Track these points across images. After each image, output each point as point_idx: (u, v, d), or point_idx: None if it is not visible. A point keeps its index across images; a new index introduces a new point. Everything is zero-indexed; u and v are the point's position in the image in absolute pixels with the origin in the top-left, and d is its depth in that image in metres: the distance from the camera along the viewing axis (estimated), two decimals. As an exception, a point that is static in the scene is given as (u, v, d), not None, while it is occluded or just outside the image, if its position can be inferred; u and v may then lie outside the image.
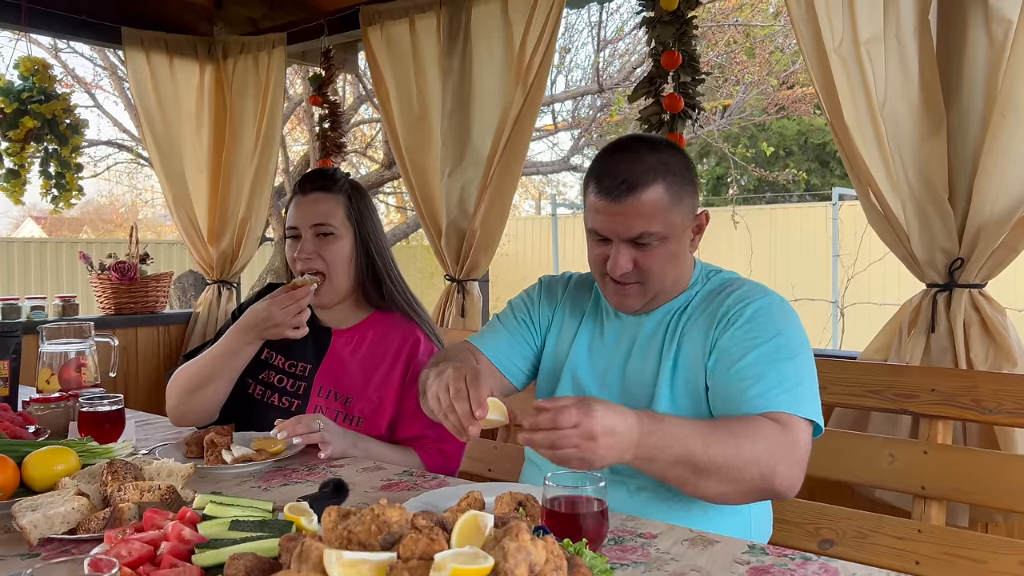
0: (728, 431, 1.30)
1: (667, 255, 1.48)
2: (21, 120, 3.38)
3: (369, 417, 1.86)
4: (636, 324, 1.59)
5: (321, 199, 1.90)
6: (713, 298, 1.53)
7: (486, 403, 1.29)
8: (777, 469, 1.30)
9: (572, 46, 9.51)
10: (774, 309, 1.47)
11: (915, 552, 1.76)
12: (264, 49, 3.78)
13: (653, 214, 1.44)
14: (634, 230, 1.45)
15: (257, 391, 1.94)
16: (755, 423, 1.33)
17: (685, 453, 1.25)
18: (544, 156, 15.47)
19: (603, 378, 1.59)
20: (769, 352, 1.41)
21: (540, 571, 0.83)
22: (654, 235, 1.45)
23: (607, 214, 1.46)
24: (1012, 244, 1.94)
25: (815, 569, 1.09)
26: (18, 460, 1.38)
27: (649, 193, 1.43)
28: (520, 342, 1.71)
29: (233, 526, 1.10)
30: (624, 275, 1.49)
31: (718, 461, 1.26)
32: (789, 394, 1.37)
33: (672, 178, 1.46)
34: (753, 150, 10.95)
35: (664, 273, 1.50)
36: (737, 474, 1.28)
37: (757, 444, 1.29)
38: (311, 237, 1.88)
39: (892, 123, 2.06)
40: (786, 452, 1.32)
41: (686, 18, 2.51)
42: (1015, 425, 1.82)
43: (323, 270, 1.88)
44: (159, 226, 14.83)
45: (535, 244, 11.78)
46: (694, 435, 1.27)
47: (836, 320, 7.99)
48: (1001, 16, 1.91)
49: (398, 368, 1.89)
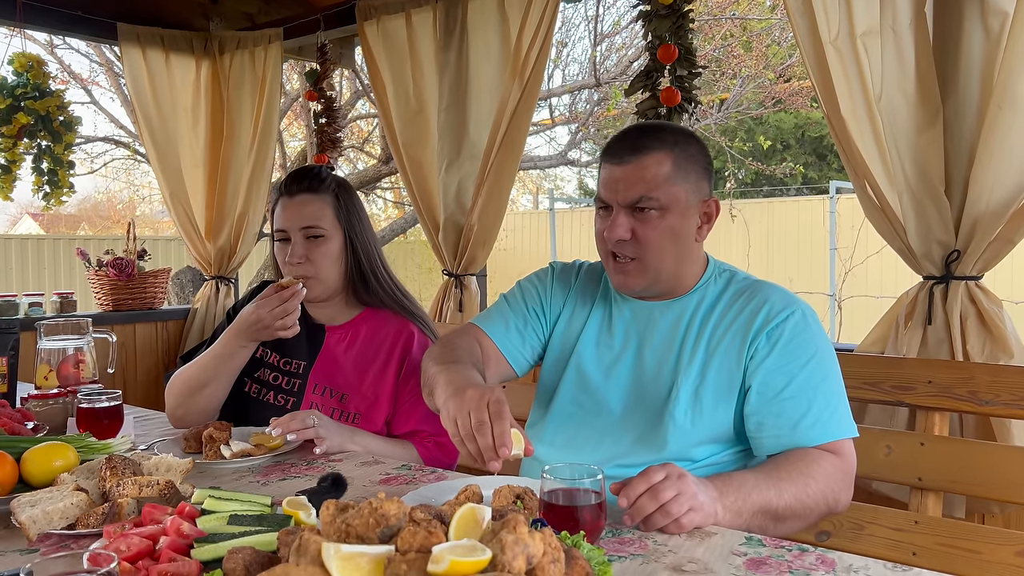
0: (796, 473, 1.34)
1: (667, 230, 1.47)
2: (14, 116, 3.38)
3: (365, 413, 1.86)
4: (647, 316, 1.57)
5: (309, 200, 1.88)
6: (745, 304, 1.50)
7: (511, 440, 1.23)
8: (840, 498, 1.38)
9: (569, 40, 9.51)
10: (809, 322, 1.47)
11: (912, 543, 1.76)
12: (260, 44, 3.78)
13: (655, 180, 1.44)
14: (634, 192, 1.45)
15: (253, 389, 1.94)
16: (815, 459, 1.37)
17: (763, 501, 1.28)
18: (541, 150, 15.47)
19: (610, 370, 1.57)
20: (813, 374, 1.43)
21: (538, 563, 0.84)
22: (653, 201, 1.45)
23: (610, 178, 1.48)
24: (1008, 236, 1.94)
25: (812, 560, 1.09)
26: (17, 456, 1.38)
27: (653, 157, 1.45)
28: (528, 330, 1.68)
29: (232, 520, 1.10)
30: (621, 246, 1.48)
31: (792, 505, 1.31)
32: (835, 417, 1.41)
33: (682, 153, 1.47)
34: (750, 144, 10.96)
35: (663, 250, 1.48)
36: (808, 512, 1.33)
37: (821, 481, 1.34)
38: (301, 240, 1.86)
39: (888, 116, 2.06)
40: (845, 480, 1.39)
41: (682, 12, 2.51)
42: (1011, 416, 1.83)
43: (313, 274, 1.87)
44: (156, 222, 14.82)
45: (533, 239, 11.78)
46: (766, 484, 1.29)
47: (834, 313, 8.01)
48: (997, 8, 1.91)
49: (392, 364, 1.88)
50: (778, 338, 1.44)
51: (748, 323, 1.47)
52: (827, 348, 1.47)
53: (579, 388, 1.60)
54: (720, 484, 1.24)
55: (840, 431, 1.42)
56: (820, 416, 1.41)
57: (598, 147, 9.26)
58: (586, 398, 1.58)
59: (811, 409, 1.41)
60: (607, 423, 1.55)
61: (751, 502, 1.26)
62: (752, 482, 1.29)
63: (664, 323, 1.55)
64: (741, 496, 1.25)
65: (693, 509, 1.17)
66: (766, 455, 1.45)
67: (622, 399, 1.55)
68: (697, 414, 1.47)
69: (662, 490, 1.16)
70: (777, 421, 1.42)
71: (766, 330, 1.45)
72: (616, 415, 1.54)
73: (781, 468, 1.35)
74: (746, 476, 1.31)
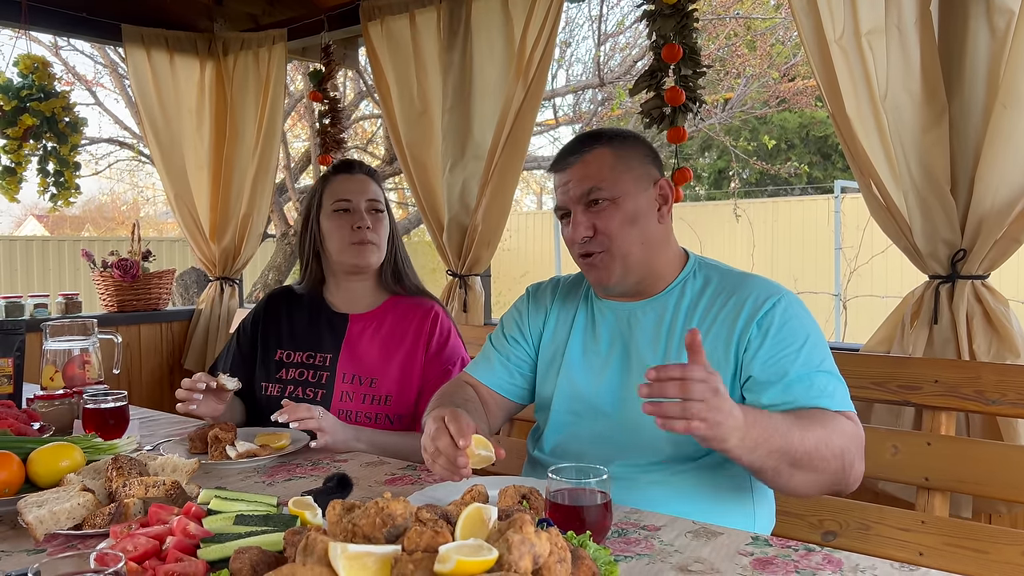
0: (819, 423, 1.33)
1: (624, 218, 1.51)
2: (20, 118, 3.38)
3: (396, 395, 1.90)
4: (629, 317, 1.58)
5: (368, 181, 2.02)
6: (728, 297, 1.50)
7: (468, 434, 1.30)
8: (855, 463, 1.37)
9: (573, 40, 9.52)
10: (796, 308, 1.48)
11: (918, 543, 1.76)
12: (264, 45, 3.78)
13: (600, 173, 1.52)
14: (582, 187, 1.52)
15: (275, 390, 1.96)
16: (835, 418, 1.37)
17: (785, 443, 1.27)
18: (546, 151, 15.41)
19: (599, 375, 1.58)
20: (811, 356, 1.43)
21: (544, 563, 0.83)
22: (603, 191, 1.51)
23: (560, 184, 1.57)
24: (1014, 235, 1.94)
25: (818, 560, 1.09)
26: (23, 457, 1.38)
27: (593, 153, 1.54)
28: (516, 360, 1.72)
29: (238, 521, 1.10)
30: (588, 244, 1.53)
31: (811, 452, 1.30)
32: (839, 392, 1.42)
33: (618, 144, 1.55)
34: (755, 143, 10.94)
35: (626, 235, 1.51)
36: (825, 465, 1.32)
37: (842, 438, 1.35)
38: (366, 211, 1.97)
39: (894, 114, 2.05)
40: (859, 449, 1.39)
41: (687, 11, 2.50)
42: (1018, 416, 1.82)
43: (377, 241, 1.98)
44: (161, 223, 14.84)
45: (537, 239, 11.76)
46: (791, 426, 1.29)
47: (839, 313, 7.99)
48: (1003, 7, 1.90)
49: (421, 342, 1.96)
50: (768, 326, 1.45)
51: (734, 316, 1.48)
52: (816, 331, 1.47)
53: (571, 396, 1.60)
54: (750, 420, 1.22)
55: (846, 405, 1.42)
56: (826, 390, 1.41)
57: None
58: (579, 405, 1.59)
59: (815, 385, 1.41)
60: (601, 427, 1.55)
61: (772, 442, 1.25)
62: (779, 419, 1.28)
63: (647, 322, 1.56)
64: (765, 435, 1.24)
65: (705, 422, 1.15)
66: None
67: (614, 403, 1.55)
68: None
69: (691, 388, 1.14)
70: (786, 397, 1.41)
71: (755, 320, 1.45)
72: (609, 419, 1.55)
73: (805, 417, 1.34)
74: (775, 417, 1.29)
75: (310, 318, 2.04)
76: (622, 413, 1.53)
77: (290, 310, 2.07)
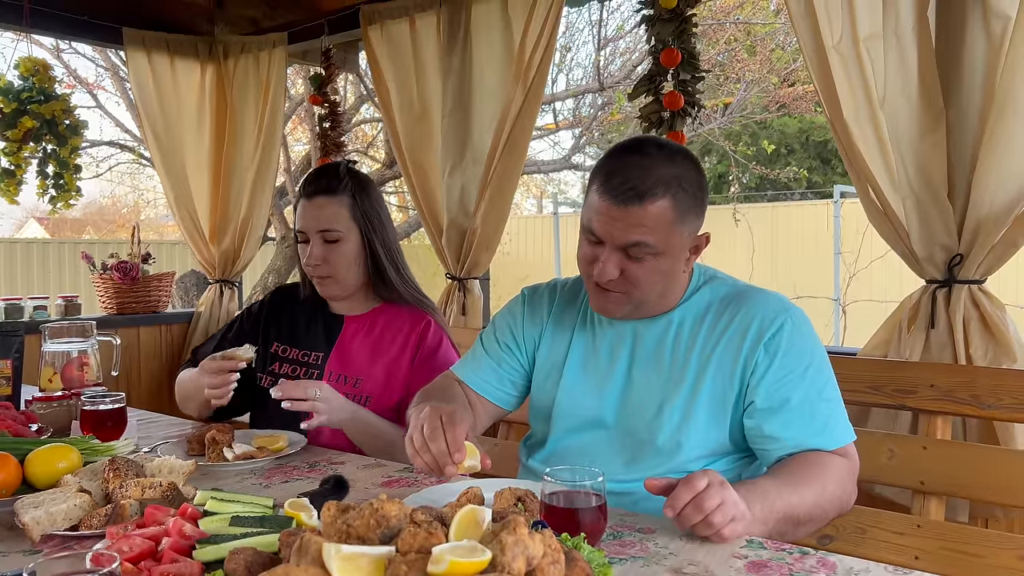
0: (812, 478, 1.35)
1: (657, 271, 1.43)
2: (20, 120, 3.38)
3: (377, 397, 1.91)
4: (632, 333, 1.54)
5: (325, 203, 1.92)
6: (733, 315, 1.47)
7: (463, 446, 1.30)
8: (850, 499, 1.41)
9: (573, 45, 9.53)
10: (802, 329, 1.46)
11: (914, 547, 1.76)
12: (265, 49, 3.79)
13: (654, 228, 1.38)
14: (630, 238, 1.39)
15: (267, 382, 1.98)
16: (828, 463, 1.39)
17: (787, 509, 1.28)
18: (545, 155, 15.46)
19: (599, 391, 1.55)
20: (815, 381, 1.43)
21: (537, 564, 0.84)
22: (649, 248, 1.39)
23: (607, 216, 1.40)
24: (1012, 240, 1.94)
25: (813, 563, 1.09)
26: (20, 458, 1.39)
27: (656, 206, 1.37)
28: (507, 368, 1.68)
29: (234, 522, 1.11)
30: (610, 282, 1.44)
31: (812, 510, 1.32)
32: (839, 422, 1.43)
33: (682, 195, 1.40)
34: (754, 148, 10.94)
35: (651, 287, 1.45)
36: (825, 515, 1.36)
37: (836, 484, 1.37)
38: (319, 243, 1.92)
39: (891, 120, 2.06)
40: (852, 481, 1.42)
41: (685, 16, 2.51)
42: (1014, 420, 1.83)
43: (331, 274, 1.93)
44: (161, 226, 14.84)
45: (537, 243, 11.77)
46: (787, 491, 1.30)
47: (838, 318, 7.99)
48: (1000, 12, 1.91)
49: (408, 350, 1.95)
50: (776, 349, 1.43)
51: (740, 335, 1.45)
52: (820, 352, 1.47)
53: (570, 412, 1.57)
54: (745, 494, 1.22)
55: (845, 436, 1.43)
56: (827, 423, 1.41)
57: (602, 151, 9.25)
58: (578, 421, 1.57)
59: (816, 417, 1.41)
60: (601, 443, 1.53)
61: (776, 510, 1.26)
62: (774, 489, 1.28)
63: (650, 339, 1.53)
64: (767, 505, 1.25)
65: (735, 519, 1.16)
66: (773, 460, 1.44)
67: (614, 419, 1.53)
68: (692, 429, 1.45)
69: (706, 499, 1.15)
70: (785, 432, 1.41)
71: (763, 342, 1.43)
72: (609, 435, 1.53)
73: (798, 473, 1.35)
74: (767, 483, 1.30)
75: (309, 318, 2.06)
76: (620, 430, 1.52)
77: (292, 308, 2.10)
